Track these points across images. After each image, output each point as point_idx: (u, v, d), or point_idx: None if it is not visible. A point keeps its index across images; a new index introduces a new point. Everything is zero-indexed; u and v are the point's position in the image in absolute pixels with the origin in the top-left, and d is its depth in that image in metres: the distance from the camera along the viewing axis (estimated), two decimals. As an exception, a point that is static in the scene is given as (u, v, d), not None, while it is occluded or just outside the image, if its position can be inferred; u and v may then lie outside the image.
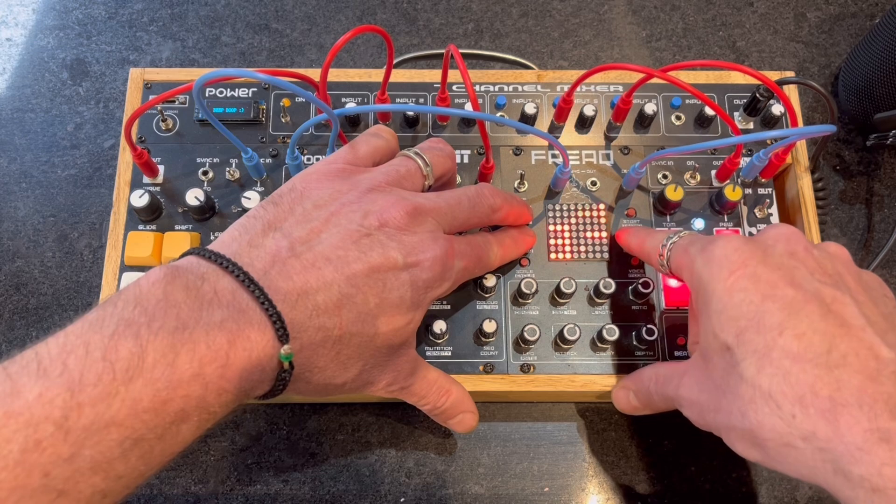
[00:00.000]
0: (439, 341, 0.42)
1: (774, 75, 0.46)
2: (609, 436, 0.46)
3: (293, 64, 0.57)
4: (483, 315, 0.43)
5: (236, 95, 0.47)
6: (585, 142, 0.47)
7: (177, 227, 0.44)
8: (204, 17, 0.58)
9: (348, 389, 0.34)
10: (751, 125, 0.48)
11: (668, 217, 0.46)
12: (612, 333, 0.41)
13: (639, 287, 0.43)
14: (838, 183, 0.54)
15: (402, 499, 0.44)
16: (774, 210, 0.46)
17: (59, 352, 0.25)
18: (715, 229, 0.45)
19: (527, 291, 0.42)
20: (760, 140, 0.41)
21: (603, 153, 0.47)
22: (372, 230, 0.33)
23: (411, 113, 0.47)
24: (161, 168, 0.46)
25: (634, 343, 0.43)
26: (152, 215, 0.44)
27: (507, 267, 0.44)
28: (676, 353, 0.43)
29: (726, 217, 0.46)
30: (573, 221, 0.45)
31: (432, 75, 0.49)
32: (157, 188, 0.45)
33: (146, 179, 0.45)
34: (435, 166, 0.38)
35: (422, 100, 0.48)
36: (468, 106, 0.48)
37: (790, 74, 0.47)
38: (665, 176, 0.46)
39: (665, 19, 0.59)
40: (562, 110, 0.46)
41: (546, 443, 0.46)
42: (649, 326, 0.42)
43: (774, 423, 0.28)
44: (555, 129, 0.48)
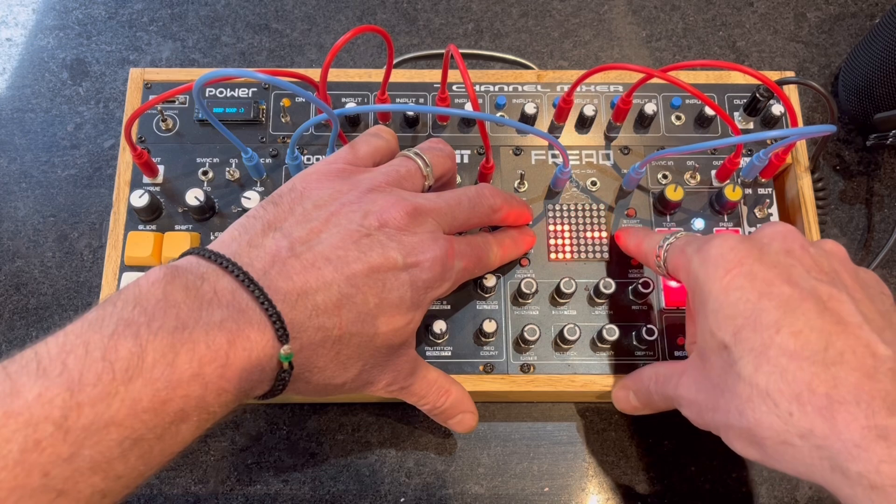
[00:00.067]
0: (439, 341, 0.42)
1: (774, 75, 0.46)
2: (609, 436, 0.46)
3: (293, 64, 0.57)
4: (483, 315, 0.43)
5: (236, 95, 0.47)
6: (585, 142, 0.47)
7: (177, 227, 0.44)
8: (204, 17, 0.58)
9: (348, 389, 0.34)
10: (751, 125, 0.48)
11: (668, 217, 0.46)
12: (612, 333, 0.41)
13: (639, 287, 0.43)
14: (838, 183, 0.54)
15: (402, 499, 0.44)
16: (774, 210, 0.46)
17: (59, 351, 0.25)
18: (715, 229, 0.45)
19: (527, 291, 0.42)
20: (760, 140, 0.41)
21: (603, 153, 0.47)
22: (372, 230, 0.33)
23: (411, 113, 0.47)
24: (161, 168, 0.46)
25: (634, 343, 0.43)
26: (152, 215, 0.44)
27: (507, 267, 0.44)
28: (676, 353, 0.43)
29: (726, 217, 0.46)
30: (573, 221, 0.45)
31: (432, 75, 0.49)
32: (157, 188, 0.45)
33: (146, 179, 0.45)
34: (435, 166, 0.38)
35: (422, 100, 0.48)
36: (468, 106, 0.48)
37: (790, 74, 0.47)
38: (665, 176, 0.46)
39: (665, 19, 0.59)
40: (562, 110, 0.46)
41: (546, 443, 0.46)
42: (649, 326, 0.42)
43: (772, 422, 0.28)
44: (555, 129, 0.48)
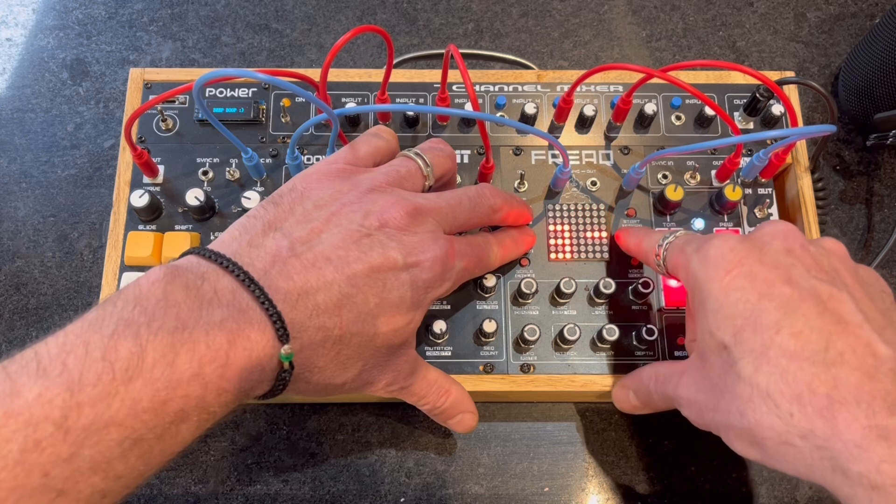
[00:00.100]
0: (439, 341, 0.42)
1: (774, 75, 0.46)
2: (609, 436, 0.46)
3: (293, 64, 0.57)
4: (483, 315, 0.43)
5: (236, 95, 0.47)
6: (585, 142, 0.47)
7: (177, 227, 0.44)
8: (204, 17, 0.58)
9: (348, 389, 0.34)
10: (751, 125, 0.48)
11: (668, 217, 0.46)
12: (612, 333, 0.41)
13: (638, 287, 0.43)
14: (838, 183, 0.54)
15: (402, 499, 0.44)
16: (774, 210, 0.46)
17: (59, 351, 0.25)
18: (715, 229, 0.45)
19: (527, 291, 0.42)
20: (760, 140, 0.41)
21: (603, 153, 0.47)
22: (372, 230, 0.33)
23: (411, 113, 0.47)
24: (161, 168, 0.46)
25: (634, 343, 0.43)
26: (152, 215, 0.44)
27: (507, 267, 0.44)
28: (676, 353, 0.43)
29: (726, 217, 0.46)
30: (573, 221, 0.45)
31: (432, 75, 0.49)
32: (157, 188, 0.45)
33: (146, 179, 0.45)
34: (435, 166, 0.38)
35: (422, 100, 0.48)
36: (468, 106, 0.48)
37: (790, 74, 0.47)
38: (665, 176, 0.46)
39: (665, 19, 0.59)
40: (562, 110, 0.46)
41: (546, 443, 0.46)
42: (649, 326, 0.42)
43: (772, 422, 0.28)
44: (555, 129, 0.48)
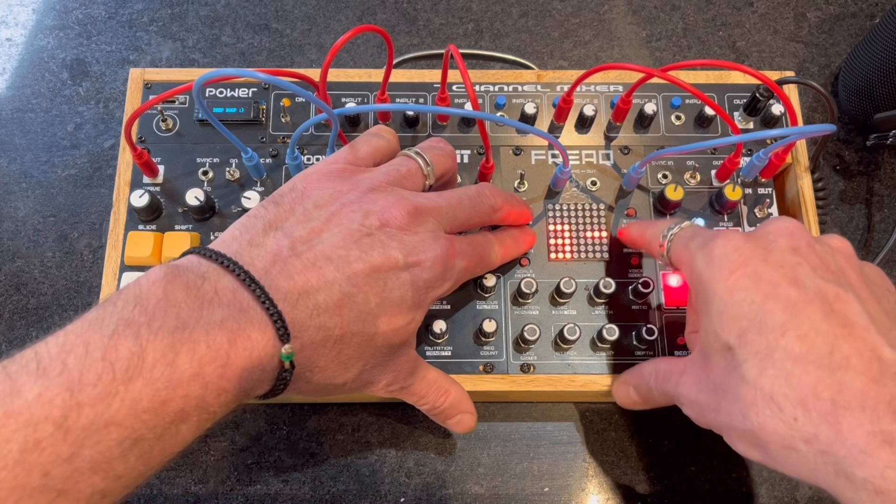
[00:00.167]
0: (439, 341, 0.42)
1: (774, 75, 0.46)
2: (609, 436, 0.46)
3: (293, 64, 0.57)
4: (483, 315, 0.43)
5: (236, 95, 0.47)
6: (585, 142, 0.47)
7: (177, 227, 0.44)
8: (204, 17, 0.58)
9: (348, 389, 0.34)
10: (751, 125, 0.48)
11: (668, 217, 0.46)
12: (612, 333, 0.41)
13: (638, 287, 0.42)
14: (838, 183, 0.54)
15: (402, 499, 0.44)
16: (774, 210, 0.46)
17: (59, 351, 0.25)
18: (715, 229, 0.45)
19: (527, 291, 0.42)
20: (760, 140, 0.41)
21: (603, 153, 0.47)
22: (373, 230, 0.33)
23: (411, 113, 0.47)
24: (161, 168, 0.46)
25: (634, 343, 0.43)
26: (152, 215, 0.44)
27: (507, 267, 0.44)
28: (676, 353, 0.43)
29: (726, 217, 0.46)
30: (573, 221, 0.45)
31: (432, 75, 0.48)
32: (157, 188, 0.45)
33: (146, 179, 0.45)
34: (436, 166, 0.38)
35: (422, 100, 0.48)
36: (468, 106, 0.47)
37: (790, 74, 0.47)
38: (665, 176, 0.46)
39: (665, 19, 0.59)
40: (562, 110, 0.46)
41: (546, 443, 0.46)
42: (649, 326, 0.42)
43: (776, 426, 0.28)
44: (555, 129, 0.48)
